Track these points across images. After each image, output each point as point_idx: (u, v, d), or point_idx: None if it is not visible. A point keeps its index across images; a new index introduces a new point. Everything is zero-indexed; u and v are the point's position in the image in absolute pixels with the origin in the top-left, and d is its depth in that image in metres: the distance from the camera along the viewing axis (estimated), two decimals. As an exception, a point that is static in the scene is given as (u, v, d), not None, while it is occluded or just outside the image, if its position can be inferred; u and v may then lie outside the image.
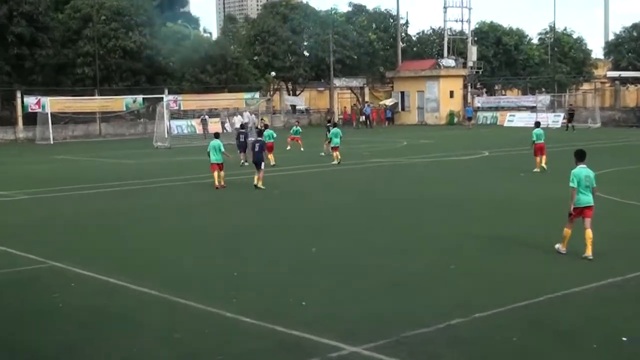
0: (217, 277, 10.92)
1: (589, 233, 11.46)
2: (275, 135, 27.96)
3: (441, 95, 63.34)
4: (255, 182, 20.86)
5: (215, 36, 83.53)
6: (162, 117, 45.34)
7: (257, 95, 58.44)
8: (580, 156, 11.87)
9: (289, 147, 33.96)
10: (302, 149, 34.02)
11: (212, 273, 11.22)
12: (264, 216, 16.26)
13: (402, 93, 65.63)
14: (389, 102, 65.68)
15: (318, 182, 22.48)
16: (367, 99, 67.88)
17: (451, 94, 63.61)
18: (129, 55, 54.49)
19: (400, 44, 70.84)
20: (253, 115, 47.56)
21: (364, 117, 61.85)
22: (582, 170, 11.68)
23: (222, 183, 21.52)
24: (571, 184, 11.62)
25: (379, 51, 70.89)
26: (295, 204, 18.18)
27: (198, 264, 11.80)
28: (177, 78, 58.19)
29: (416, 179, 22.99)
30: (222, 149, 21.85)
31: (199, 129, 50.91)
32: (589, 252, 11.45)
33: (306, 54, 66.66)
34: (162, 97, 50.13)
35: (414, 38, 77.13)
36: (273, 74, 62.12)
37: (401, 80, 65.61)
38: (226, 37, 73.55)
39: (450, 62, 64.81)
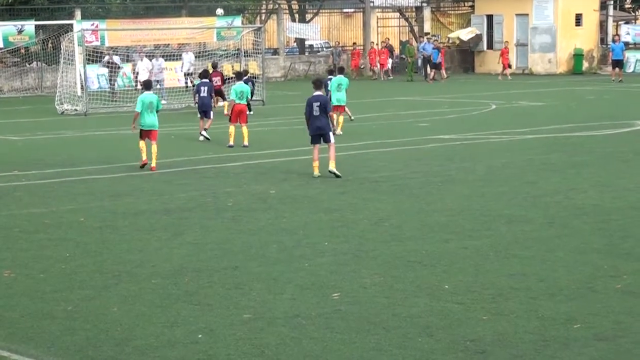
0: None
1: None
2: (249, 94, 21.12)
3: (560, 22, 44.49)
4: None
5: None
6: (72, 59, 31.58)
7: (237, 21, 41.73)
8: None
9: None
10: None
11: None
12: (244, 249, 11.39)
13: (489, 18, 46.89)
14: (465, 34, 47.08)
15: (336, 178, 16.33)
16: (428, 29, 48.20)
17: (577, 20, 45.19)
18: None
19: None
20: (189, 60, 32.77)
21: (420, 60, 43.85)
22: None
23: (153, 164, 17.06)
24: None
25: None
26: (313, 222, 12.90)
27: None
28: None
29: (516, 171, 16.71)
30: (160, 107, 17.62)
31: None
32: None
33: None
34: (72, 25, 34.88)
35: None
36: None
37: (489, -4, 46.31)
38: None
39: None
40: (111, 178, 16.68)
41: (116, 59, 35.31)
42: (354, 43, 47.21)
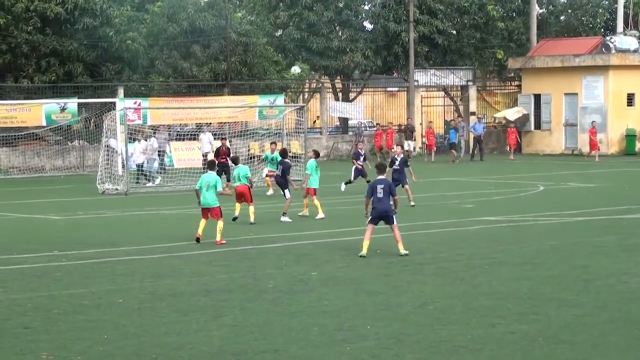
0: None
1: None
2: (247, 174, 21.07)
3: (611, 102, 44.87)
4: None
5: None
6: (114, 138, 32.38)
7: (280, 99, 42.33)
8: None
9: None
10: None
11: None
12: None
13: (537, 98, 47.28)
14: (512, 113, 47.41)
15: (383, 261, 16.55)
16: (473, 108, 49.45)
17: (630, 100, 45.38)
18: (52, 27, 39.14)
19: (536, 9, 50.54)
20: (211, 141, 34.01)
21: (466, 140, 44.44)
22: None
23: (218, 238, 18.03)
24: None
25: (497, 21, 50.61)
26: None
27: None
28: (141, 69, 41.65)
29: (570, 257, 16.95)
30: (219, 187, 18.33)
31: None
32: None
33: (367, 25, 48.48)
34: (114, 103, 36.22)
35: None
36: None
37: (536, 75, 46.95)
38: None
39: (630, 41, 46.11)
40: (151, 259, 16.87)
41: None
42: (378, 124, 47.08)
